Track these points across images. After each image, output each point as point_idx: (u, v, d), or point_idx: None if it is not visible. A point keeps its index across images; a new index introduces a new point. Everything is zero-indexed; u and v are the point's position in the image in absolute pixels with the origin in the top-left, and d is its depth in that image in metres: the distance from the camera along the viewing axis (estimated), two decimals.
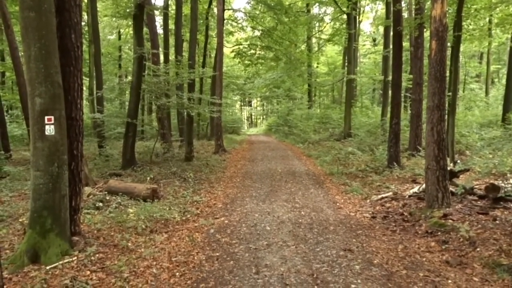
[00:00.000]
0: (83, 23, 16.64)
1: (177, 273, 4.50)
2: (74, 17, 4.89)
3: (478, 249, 4.98)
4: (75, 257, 4.66)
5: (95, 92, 16.37)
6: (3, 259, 4.57)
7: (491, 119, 19.53)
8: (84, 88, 18.17)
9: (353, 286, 4.06)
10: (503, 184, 7.26)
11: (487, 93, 28.00)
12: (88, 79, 18.52)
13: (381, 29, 28.30)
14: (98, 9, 17.49)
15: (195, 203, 8.22)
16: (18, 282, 4.06)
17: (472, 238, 5.27)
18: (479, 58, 33.56)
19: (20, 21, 4.47)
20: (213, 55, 27.20)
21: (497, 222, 5.88)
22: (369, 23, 38.70)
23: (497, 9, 13.10)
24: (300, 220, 6.72)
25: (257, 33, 26.59)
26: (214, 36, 24.23)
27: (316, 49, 32.58)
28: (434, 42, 6.50)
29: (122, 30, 28.17)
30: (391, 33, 15.07)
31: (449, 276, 4.34)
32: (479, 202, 7.08)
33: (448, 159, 10.96)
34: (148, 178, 10.08)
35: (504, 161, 10.53)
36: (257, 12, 24.71)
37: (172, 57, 19.40)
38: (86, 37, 17.26)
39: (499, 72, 35.38)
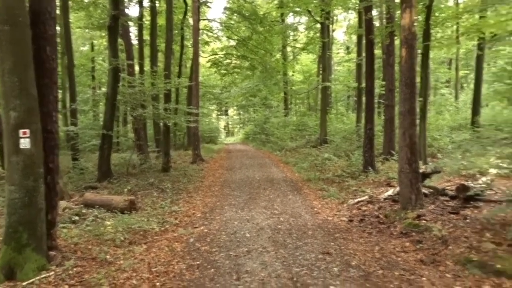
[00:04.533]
0: None
1: (158, 283, 4.49)
2: (49, 29, 4.87)
3: (450, 247, 5.18)
4: (53, 272, 4.59)
5: (68, 105, 16.11)
6: None
7: (461, 122, 20.24)
8: None
9: (331, 287, 4.16)
10: (472, 184, 7.56)
11: (456, 97, 28.99)
12: (61, 91, 18.19)
13: (354, 37, 29.00)
14: (70, 20, 17.25)
15: (174, 213, 8.19)
16: None
17: (444, 236, 5.48)
18: (448, 64, 34.72)
19: None
20: (189, 65, 27.20)
21: (468, 220, 6.13)
22: (343, 31, 39.55)
23: (463, 17, 13.68)
24: (279, 226, 6.80)
25: (233, 42, 26.83)
26: (190, 46, 24.25)
27: (291, 57, 33.04)
28: (404, 50, 6.77)
29: (95, 41, 27.82)
30: (364, 41, 15.49)
31: (423, 274, 4.50)
32: (450, 203, 7.35)
33: (421, 162, 11.32)
34: (126, 189, 9.98)
35: (473, 162, 10.95)
36: (232, 22, 24.91)
37: (147, 67, 19.31)
38: (58, 48, 16.99)
39: (468, 77, 36.69)
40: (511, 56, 23.42)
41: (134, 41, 21.26)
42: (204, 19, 24.93)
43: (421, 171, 7.50)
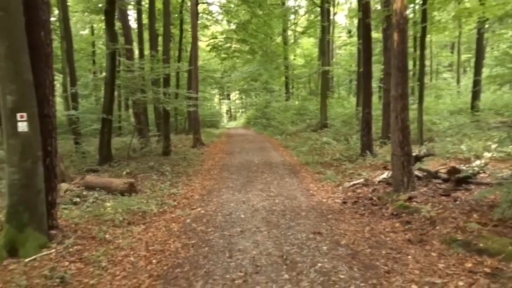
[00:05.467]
0: (54, 19, 16.39)
1: (154, 260, 4.69)
2: (43, 14, 4.96)
3: (437, 227, 5.33)
4: (53, 250, 4.78)
5: (69, 89, 16.19)
6: None
7: (461, 106, 20.22)
8: (58, 85, 17.93)
9: (319, 264, 4.34)
10: (464, 167, 7.67)
11: (458, 81, 28.88)
12: (61, 75, 18.24)
13: (356, 21, 28.76)
14: (69, 4, 17.20)
15: (173, 195, 8.38)
16: None
17: (432, 217, 5.62)
18: (451, 48, 34.46)
19: None
20: (188, 49, 27.12)
21: (457, 202, 6.26)
22: (344, 15, 39.14)
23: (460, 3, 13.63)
24: (274, 208, 6.98)
25: (233, 26, 26.65)
26: (189, 30, 24.15)
27: (292, 41, 32.82)
28: (396, 34, 6.81)
29: (95, 25, 27.69)
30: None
31: (410, 253, 4.66)
32: (443, 185, 7.47)
33: (418, 145, 11.44)
34: (125, 172, 10.16)
35: (469, 146, 11.05)
36: (232, 5, 24.74)
37: (147, 52, 19.30)
38: (57, 33, 16.98)
39: (470, 61, 36.43)
40: None
41: (133, 25, 21.22)
42: (203, 3, 24.72)
43: (414, 154, 7.62)
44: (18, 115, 4.54)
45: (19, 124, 4.56)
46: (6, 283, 3.99)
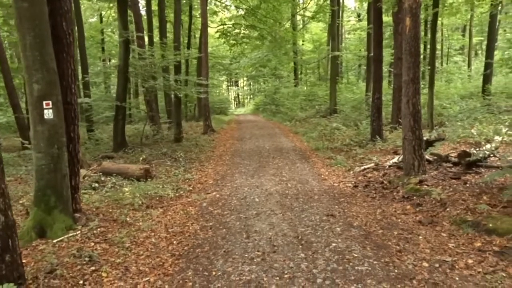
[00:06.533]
0: None
1: (175, 241, 4.92)
2: (64, 5, 5.11)
3: (448, 209, 5.48)
4: (79, 231, 5.02)
5: (80, 77, 16.41)
6: None
7: (472, 91, 20.09)
8: None
9: (333, 244, 4.53)
10: (475, 151, 7.76)
11: (469, 65, 28.56)
12: None
13: (365, 4, 28.43)
14: None
15: (187, 180, 8.60)
16: (29, 255, 4.42)
17: (443, 200, 5.76)
18: (462, 30, 33.95)
19: (14, 11, 4.68)
20: (198, 35, 27.10)
21: (467, 185, 6.38)
22: None
23: None
24: (287, 192, 7.17)
25: (241, 12, 26.55)
26: (198, 16, 24.13)
27: (300, 26, 32.61)
28: (408, 18, 6.86)
29: (103, 13, 27.75)
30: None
31: (420, 233, 4.83)
32: (453, 169, 7.58)
33: (428, 130, 11.49)
34: (141, 158, 10.40)
35: (480, 130, 11.09)
36: None
37: (156, 39, 19.36)
38: None
39: (482, 44, 35.84)
40: None
41: (143, 12, 21.23)
42: None
43: (425, 138, 7.72)
44: (44, 102, 4.73)
45: (45, 111, 4.76)
46: (38, 261, 4.23)
